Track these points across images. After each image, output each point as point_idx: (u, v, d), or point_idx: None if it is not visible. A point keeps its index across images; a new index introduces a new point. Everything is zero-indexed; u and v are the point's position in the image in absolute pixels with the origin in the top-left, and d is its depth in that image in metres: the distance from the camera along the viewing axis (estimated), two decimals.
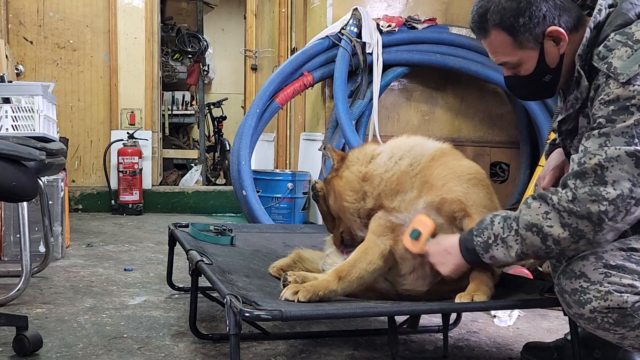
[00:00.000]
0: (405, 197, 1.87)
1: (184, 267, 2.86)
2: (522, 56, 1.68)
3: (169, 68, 8.11)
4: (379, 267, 1.84)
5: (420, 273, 1.87)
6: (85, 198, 5.77)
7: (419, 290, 1.89)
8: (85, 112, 5.90)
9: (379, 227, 1.88)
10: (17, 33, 5.70)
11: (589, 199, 1.49)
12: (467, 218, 1.81)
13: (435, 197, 1.82)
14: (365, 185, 1.94)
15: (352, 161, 2.02)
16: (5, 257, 3.32)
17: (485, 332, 2.36)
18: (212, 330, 2.26)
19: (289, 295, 1.72)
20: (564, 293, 1.63)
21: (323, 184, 2.13)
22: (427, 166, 1.89)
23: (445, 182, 1.84)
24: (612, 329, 1.56)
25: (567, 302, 1.62)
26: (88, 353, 2.00)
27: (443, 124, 4.52)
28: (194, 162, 7.73)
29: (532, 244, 1.58)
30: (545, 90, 1.75)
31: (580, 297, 1.57)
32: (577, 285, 1.58)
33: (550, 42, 1.65)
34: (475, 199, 1.83)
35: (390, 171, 1.92)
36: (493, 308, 2.03)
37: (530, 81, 1.72)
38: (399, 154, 1.95)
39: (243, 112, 7.08)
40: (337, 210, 2.03)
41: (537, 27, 1.62)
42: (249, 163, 3.90)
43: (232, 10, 9.60)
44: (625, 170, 1.48)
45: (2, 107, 2.92)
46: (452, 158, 1.93)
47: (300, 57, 4.08)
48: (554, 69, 1.68)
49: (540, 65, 1.68)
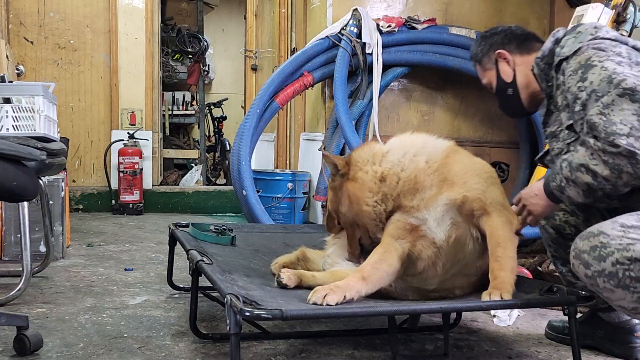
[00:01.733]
0: (425, 195, 1.86)
1: (184, 267, 2.87)
2: (488, 76, 2.20)
3: (169, 68, 8.11)
4: (396, 270, 1.84)
5: (431, 272, 1.87)
6: (85, 198, 5.78)
7: (427, 288, 1.89)
8: (85, 112, 5.91)
9: (397, 229, 1.86)
10: (17, 33, 5.70)
11: (609, 140, 1.65)
12: (485, 216, 1.82)
13: (458, 195, 1.83)
14: (383, 186, 1.90)
15: (362, 162, 1.95)
16: (6, 257, 3.32)
17: (485, 332, 2.37)
18: (212, 329, 2.26)
19: (318, 299, 1.68)
20: (582, 254, 1.70)
21: (343, 164, 1.98)
22: (444, 163, 1.89)
23: (465, 179, 1.86)
24: (633, 284, 1.61)
25: (586, 262, 1.68)
26: (88, 353, 2.00)
27: (443, 124, 4.52)
28: (194, 162, 7.73)
29: (587, 182, 1.71)
30: (515, 104, 2.15)
31: (600, 252, 1.65)
32: (597, 242, 1.67)
33: (503, 62, 2.14)
34: (492, 197, 1.87)
35: (408, 169, 1.89)
36: (493, 308, 2.03)
37: (501, 97, 2.18)
38: (412, 150, 1.93)
39: (243, 112, 7.09)
40: (353, 216, 1.94)
41: (489, 52, 2.17)
42: (249, 163, 3.91)
43: (233, 10, 9.60)
44: (624, 108, 1.67)
45: (3, 107, 2.92)
46: (464, 155, 1.96)
47: (300, 57, 4.08)
48: (511, 84, 2.13)
49: (499, 81, 2.16)
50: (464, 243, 1.85)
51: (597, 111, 1.70)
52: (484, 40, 2.20)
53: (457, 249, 1.85)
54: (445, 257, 1.85)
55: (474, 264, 1.89)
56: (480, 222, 1.84)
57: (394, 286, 1.90)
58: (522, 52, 2.12)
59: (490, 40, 2.18)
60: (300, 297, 1.77)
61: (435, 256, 1.84)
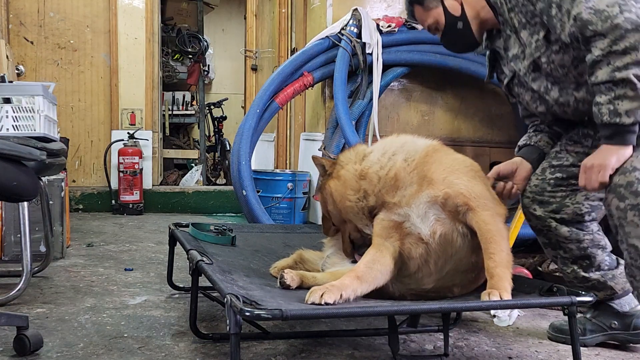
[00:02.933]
0: (406, 192, 1.86)
1: (184, 267, 2.87)
2: (433, 15, 2.21)
3: (169, 68, 8.12)
4: (390, 269, 1.84)
5: (425, 271, 1.87)
6: (85, 198, 5.78)
7: (424, 288, 1.89)
8: (85, 112, 5.91)
9: (384, 229, 1.87)
10: (17, 33, 5.70)
11: (610, 27, 1.75)
12: (471, 212, 1.81)
13: (439, 192, 1.82)
14: (364, 183, 1.93)
15: (345, 161, 2.01)
16: (6, 256, 3.32)
17: (485, 332, 2.37)
18: (212, 329, 2.26)
19: (316, 298, 1.68)
20: (617, 187, 1.79)
21: (328, 165, 2.06)
22: (423, 161, 1.89)
23: (445, 175, 1.84)
24: None
25: (621, 195, 1.78)
26: (88, 353, 2.00)
27: (443, 124, 4.52)
28: (194, 162, 7.74)
29: (629, 78, 1.75)
30: (467, 37, 2.20)
31: (637, 187, 1.76)
32: (633, 178, 1.77)
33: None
34: (475, 191, 1.84)
35: (386, 167, 1.91)
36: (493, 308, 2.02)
37: (451, 33, 2.21)
38: (392, 150, 1.95)
39: (243, 112, 7.09)
40: (340, 212, 2.00)
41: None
42: (249, 163, 3.91)
43: (233, 10, 9.60)
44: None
45: (3, 107, 2.93)
46: (445, 153, 1.94)
47: (300, 57, 4.08)
48: (461, 17, 2.17)
49: (448, 16, 2.18)
50: (451, 239, 1.84)
51: (583, 8, 1.80)
52: None
53: (446, 245, 1.84)
54: (435, 254, 1.84)
55: (468, 259, 1.87)
56: (467, 218, 1.82)
57: (393, 289, 1.90)
58: None
59: None
60: (300, 298, 1.77)
61: (426, 254, 1.83)
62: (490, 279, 1.78)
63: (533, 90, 2.13)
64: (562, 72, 2.02)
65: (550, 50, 2.00)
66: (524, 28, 2.04)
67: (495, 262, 1.78)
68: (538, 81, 2.09)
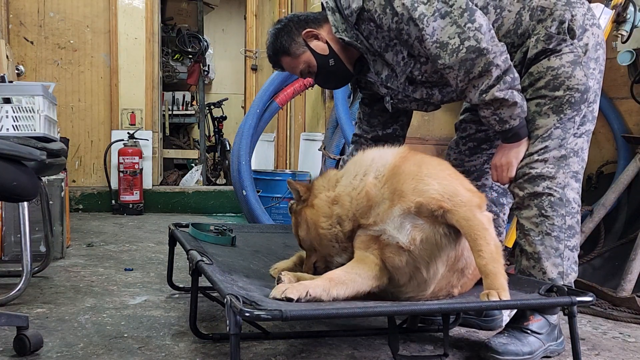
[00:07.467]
0: (379, 209, 1.85)
1: (184, 267, 2.87)
2: (303, 60, 2.21)
3: (169, 68, 8.12)
4: (373, 274, 1.82)
5: (419, 278, 1.86)
6: (85, 198, 5.78)
7: (423, 294, 1.88)
8: (85, 112, 5.91)
9: (363, 242, 1.89)
10: (17, 33, 5.71)
11: (459, 58, 1.94)
12: (447, 213, 1.79)
13: (410, 204, 1.80)
14: (337, 208, 1.93)
15: (319, 189, 2.01)
16: (6, 256, 3.32)
17: (485, 332, 2.37)
18: (212, 330, 2.26)
19: (277, 293, 1.69)
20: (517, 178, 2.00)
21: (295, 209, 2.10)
22: (392, 174, 1.87)
23: (414, 185, 1.82)
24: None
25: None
26: (88, 353, 2.00)
27: (443, 124, 4.52)
28: (194, 162, 7.74)
29: (496, 94, 1.96)
30: (341, 72, 2.24)
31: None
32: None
33: (312, 39, 2.19)
34: (448, 192, 1.80)
35: (358, 188, 1.91)
36: (493, 308, 2.03)
37: (325, 72, 2.23)
38: (362, 170, 1.94)
39: (243, 112, 7.09)
40: (312, 239, 2.01)
41: (295, 37, 2.19)
42: (249, 163, 3.91)
43: (233, 10, 9.61)
44: (442, 26, 1.94)
45: (3, 107, 2.93)
46: (412, 161, 1.91)
47: None
48: (330, 54, 2.20)
49: (318, 57, 2.20)
50: (434, 242, 1.82)
51: (429, 43, 1.95)
52: (281, 32, 2.22)
53: (431, 249, 1.82)
54: (423, 260, 1.83)
55: (462, 257, 1.87)
56: (447, 219, 1.80)
57: (392, 298, 1.90)
58: (320, 25, 2.21)
59: (287, 29, 2.21)
60: None
61: (412, 261, 1.82)
62: (485, 278, 1.77)
63: (417, 99, 2.27)
64: (436, 76, 2.17)
65: (418, 63, 2.13)
66: (386, 51, 2.13)
67: (485, 259, 1.75)
68: (419, 91, 2.24)
